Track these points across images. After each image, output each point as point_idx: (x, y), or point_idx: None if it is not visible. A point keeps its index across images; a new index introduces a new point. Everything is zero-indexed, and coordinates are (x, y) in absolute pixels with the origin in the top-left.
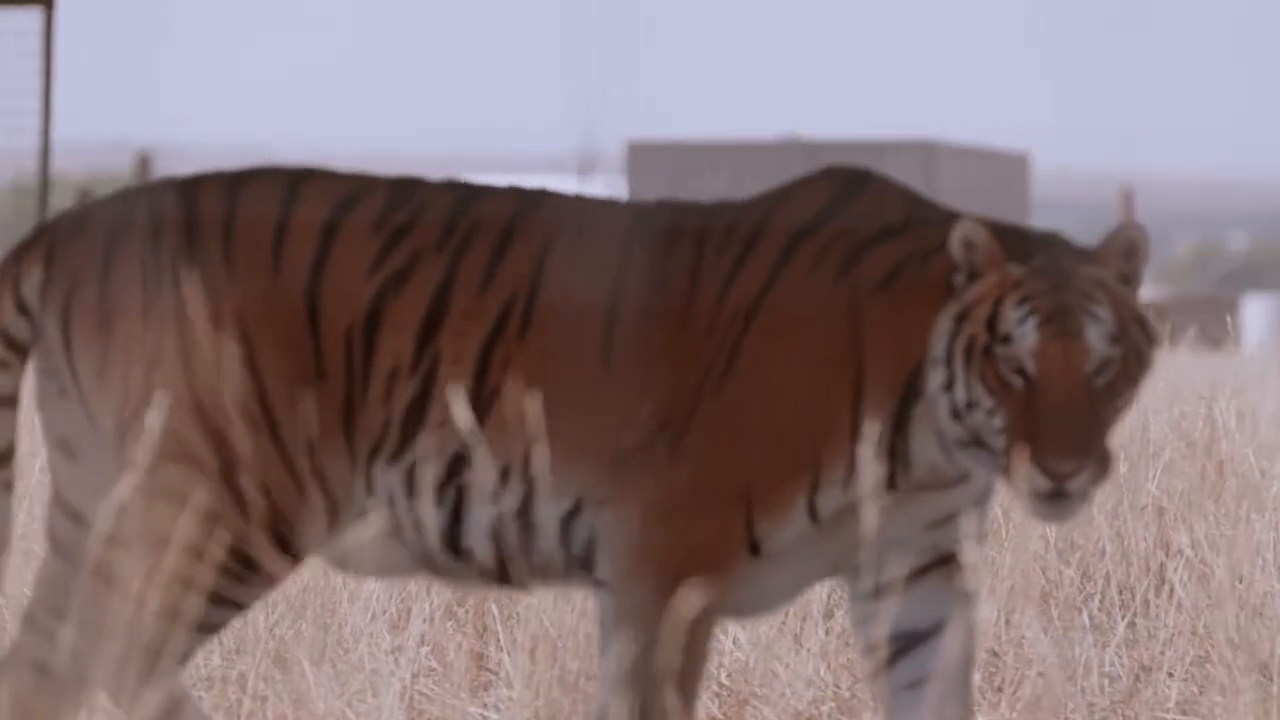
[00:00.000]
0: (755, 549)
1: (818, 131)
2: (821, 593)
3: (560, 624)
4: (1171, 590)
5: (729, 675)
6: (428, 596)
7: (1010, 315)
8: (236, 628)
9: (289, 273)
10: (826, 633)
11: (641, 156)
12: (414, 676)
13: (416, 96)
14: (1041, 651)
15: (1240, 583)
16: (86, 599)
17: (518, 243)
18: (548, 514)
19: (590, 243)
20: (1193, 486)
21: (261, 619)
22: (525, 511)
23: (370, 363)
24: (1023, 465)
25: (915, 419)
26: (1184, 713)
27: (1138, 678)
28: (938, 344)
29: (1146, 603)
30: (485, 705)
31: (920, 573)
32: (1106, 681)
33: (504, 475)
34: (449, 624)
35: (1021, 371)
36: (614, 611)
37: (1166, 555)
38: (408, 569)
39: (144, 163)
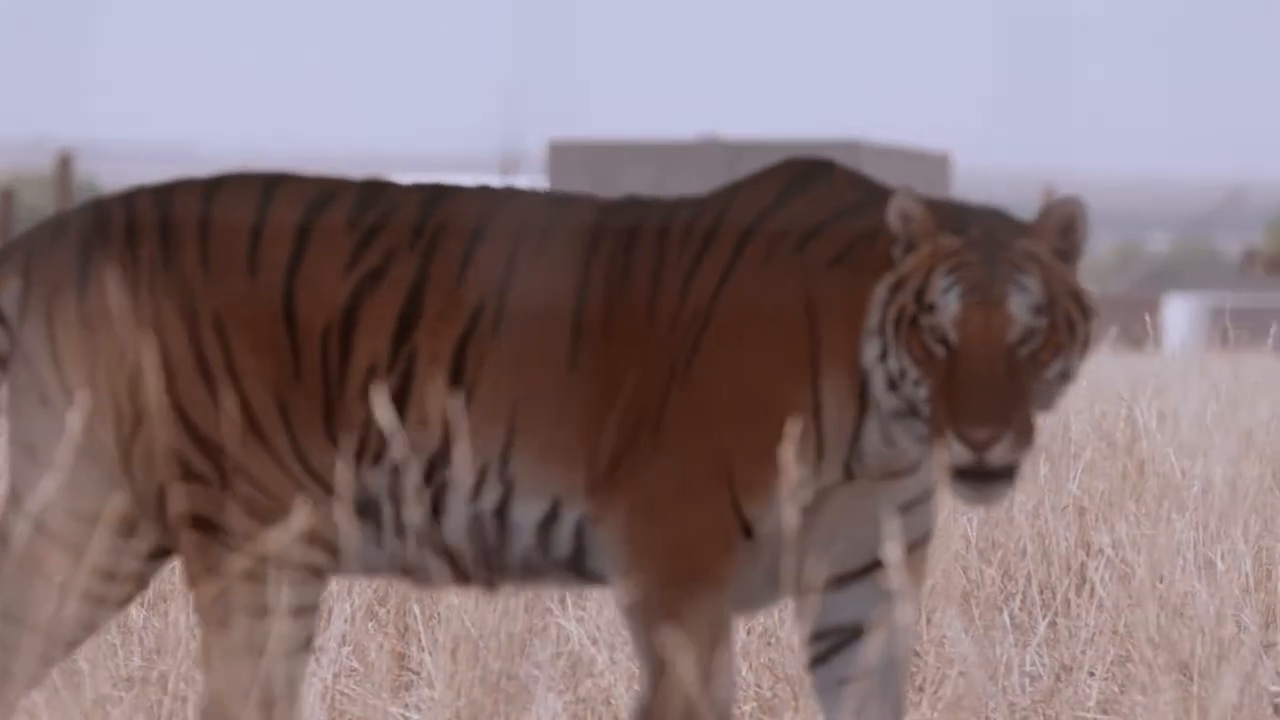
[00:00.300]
0: (748, 531)
1: (740, 131)
2: None
3: (482, 624)
4: (1092, 590)
5: None
6: (349, 597)
7: (937, 285)
8: (157, 628)
9: (265, 276)
10: (748, 633)
11: (563, 156)
12: (335, 676)
13: (341, 95)
14: (962, 651)
15: (1161, 582)
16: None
17: (488, 241)
18: (525, 515)
19: (558, 241)
20: (1114, 486)
21: (182, 619)
22: (503, 512)
23: (347, 363)
24: (942, 435)
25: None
26: (1105, 712)
27: (1059, 677)
28: (873, 315)
29: (1067, 602)
30: (407, 705)
31: (866, 569)
32: (1027, 681)
33: (482, 475)
34: (370, 624)
35: (945, 341)
36: (629, 616)
37: (1087, 555)
38: (385, 570)
39: (65, 162)
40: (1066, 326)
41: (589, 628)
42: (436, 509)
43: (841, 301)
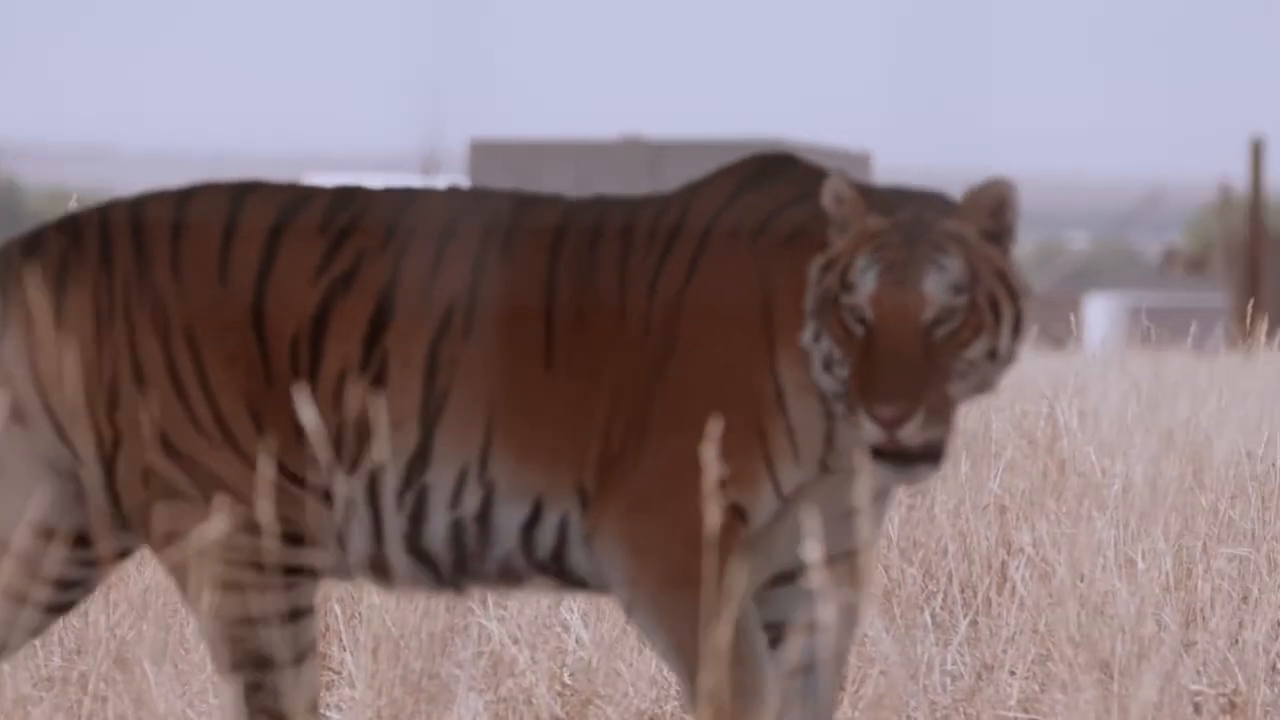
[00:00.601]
0: (744, 518)
1: (662, 131)
2: None
3: (403, 624)
4: (1013, 589)
5: (571, 675)
6: None
7: (858, 265)
8: (77, 628)
9: (235, 284)
10: None
11: (484, 156)
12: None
13: (260, 95)
14: (884, 650)
15: (1081, 581)
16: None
17: (458, 242)
18: (507, 517)
19: (524, 242)
20: (1035, 485)
21: (103, 619)
22: (485, 515)
23: (318, 369)
24: (857, 413)
25: None
26: (1025, 711)
27: (980, 676)
28: (808, 296)
29: (988, 601)
30: (328, 705)
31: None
32: (949, 680)
33: (461, 478)
34: None
35: (863, 320)
36: (642, 621)
37: (1008, 554)
38: (347, 574)
39: None
40: (989, 306)
41: (510, 627)
42: (416, 514)
43: (793, 288)
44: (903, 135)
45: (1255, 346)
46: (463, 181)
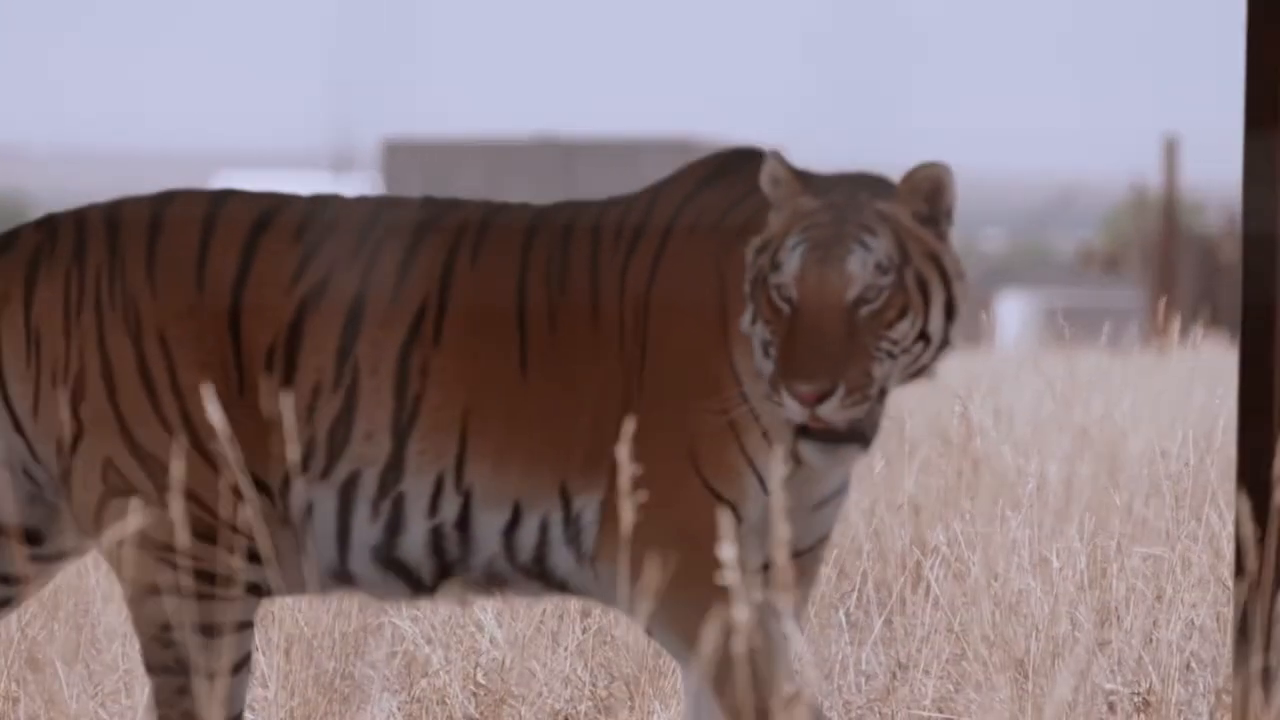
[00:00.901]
0: (735, 515)
1: (574, 130)
2: None
3: (316, 624)
4: (928, 588)
5: (485, 674)
6: None
7: (787, 244)
8: None
9: (211, 291)
10: (584, 631)
11: (397, 155)
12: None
13: (170, 93)
14: (798, 649)
15: (996, 580)
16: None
17: (426, 249)
18: (487, 523)
19: (493, 248)
20: (949, 484)
21: (14, 619)
22: (464, 521)
23: (292, 376)
24: (779, 392)
25: None
26: (940, 710)
27: (894, 675)
28: (746, 279)
29: (903, 600)
30: None
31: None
32: (863, 679)
33: (438, 485)
34: None
35: (789, 299)
36: (657, 630)
37: (923, 553)
38: (315, 587)
39: None
40: (918, 287)
41: (424, 627)
42: (393, 523)
43: (740, 279)
44: (816, 134)
45: (1169, 345)
46: (375, 180)
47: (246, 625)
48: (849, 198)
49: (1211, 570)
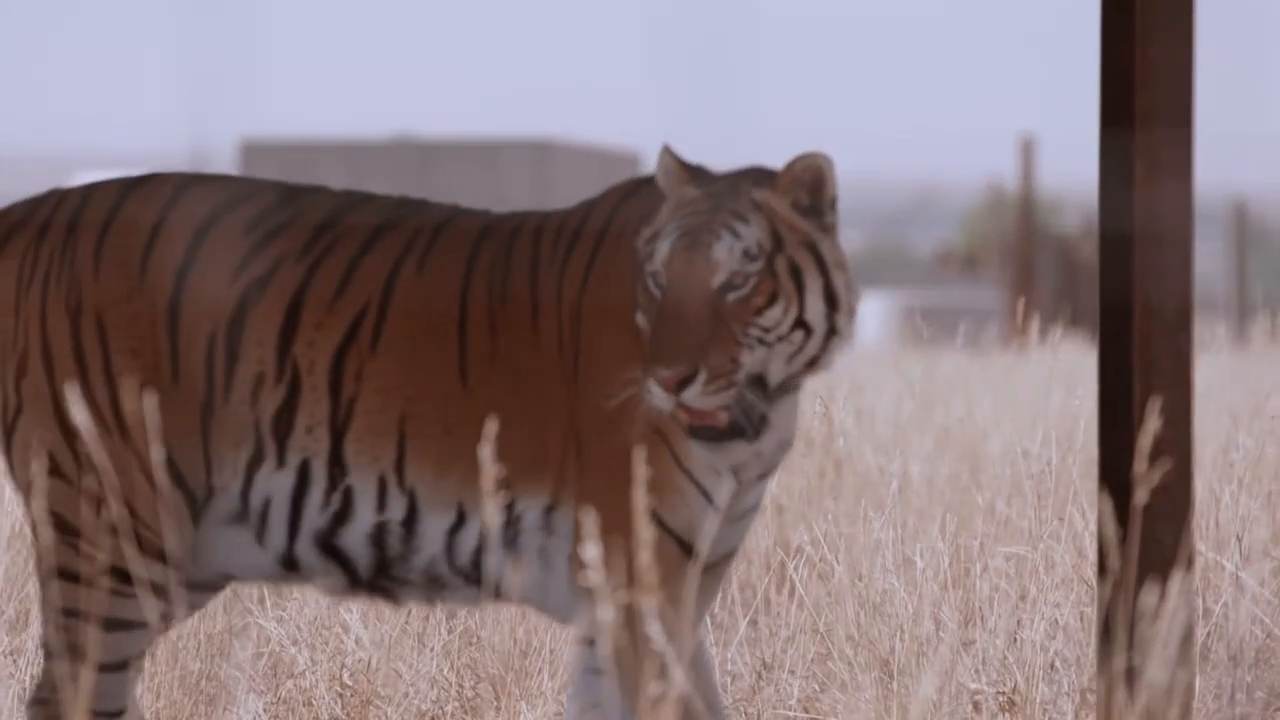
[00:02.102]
0: (683, 547)
1: (432, 131)
2: None
3: (180, 625)
4: (792, 588)
5: (351, 675)
6: None
7: (663, 232)
8: None
9: (154, 276)
10: (449, 632)
11: (255, 156)
12: (34, 679)
13: (22, 92)
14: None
15: (860, 580)
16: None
17: (373, 252)
18: (432, 524)
19: (441, 254)
20: (812, 485)
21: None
22: (411, 521)
23: (233, 367)
24: (646, 379)
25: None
26: (806, 710)
27: (760, 675)
28: (636, 272)
29: (768, 601)
30: None
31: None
32: (729, 680)
33: (381, 485)
34: None
35: (660, 286)
36: (616, 659)
37: (787, 554)
38: (267, 573)
39: None
40: (791, 275)
41: (289, 628)
42: (342, 513)
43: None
44: (671, 135)
45: (1027, 345)
46: None
47: (147, 624)
48: (730, 187)
49: (1075, 569)
